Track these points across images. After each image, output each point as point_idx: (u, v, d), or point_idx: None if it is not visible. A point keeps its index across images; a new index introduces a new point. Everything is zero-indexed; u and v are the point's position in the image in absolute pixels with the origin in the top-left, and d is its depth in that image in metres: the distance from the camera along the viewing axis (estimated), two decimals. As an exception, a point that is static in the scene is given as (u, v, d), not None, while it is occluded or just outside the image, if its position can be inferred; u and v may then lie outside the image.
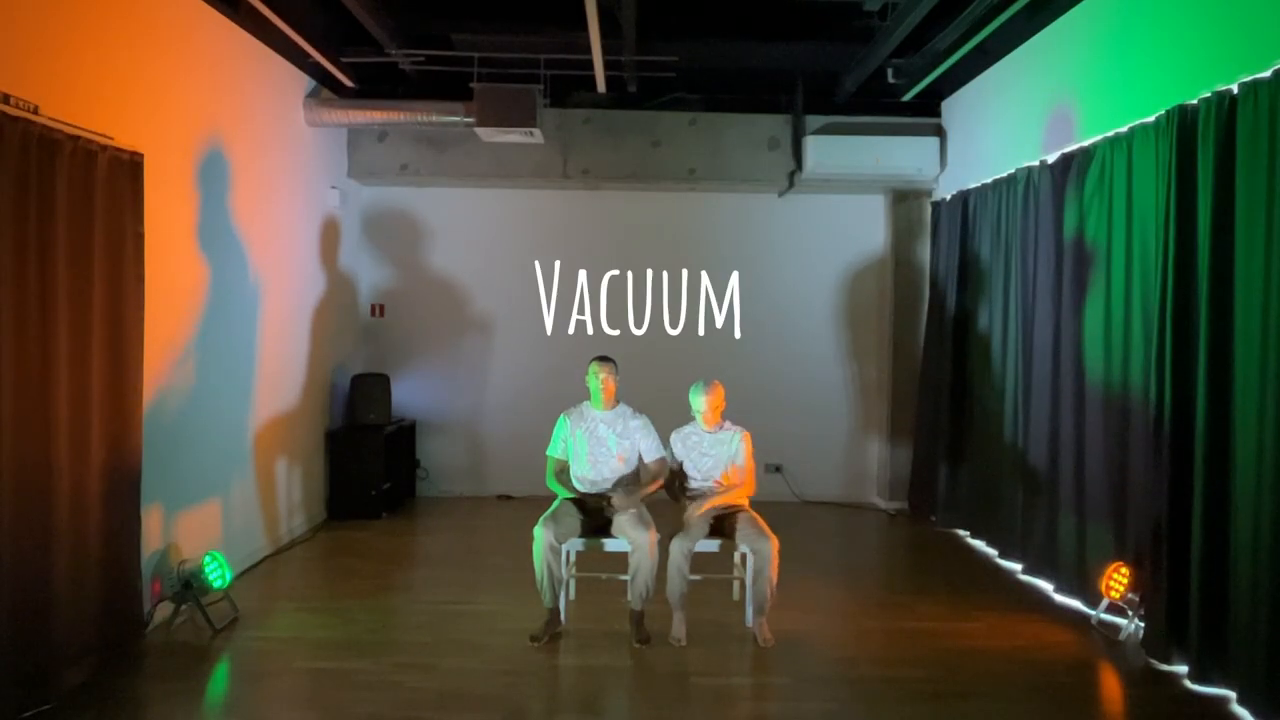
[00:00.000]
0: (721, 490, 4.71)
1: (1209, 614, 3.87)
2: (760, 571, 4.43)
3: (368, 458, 6.88)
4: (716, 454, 4.73)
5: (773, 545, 4.42)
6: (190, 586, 4.48)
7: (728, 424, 4.80)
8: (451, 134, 7.23)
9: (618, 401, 4.81)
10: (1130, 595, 4.44)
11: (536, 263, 7.91)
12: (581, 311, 7.89)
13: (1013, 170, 5.87)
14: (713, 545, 4.60)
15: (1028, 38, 5.80)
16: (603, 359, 4.80)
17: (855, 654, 4.42)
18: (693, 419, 4.81)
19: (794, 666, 4.20)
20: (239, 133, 5.47)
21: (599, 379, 4.72)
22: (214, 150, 5.16)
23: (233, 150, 5.37)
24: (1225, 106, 3.82)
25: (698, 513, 4.57)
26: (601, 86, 6.61)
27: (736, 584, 4.98)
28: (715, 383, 4.78)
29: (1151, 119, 4.33)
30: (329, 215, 7.03)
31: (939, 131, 7.32)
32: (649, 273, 7.92)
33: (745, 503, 4.77)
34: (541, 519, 4.48)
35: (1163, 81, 4.43)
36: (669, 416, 5.04)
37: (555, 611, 4.47)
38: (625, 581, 4.51)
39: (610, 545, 4.60)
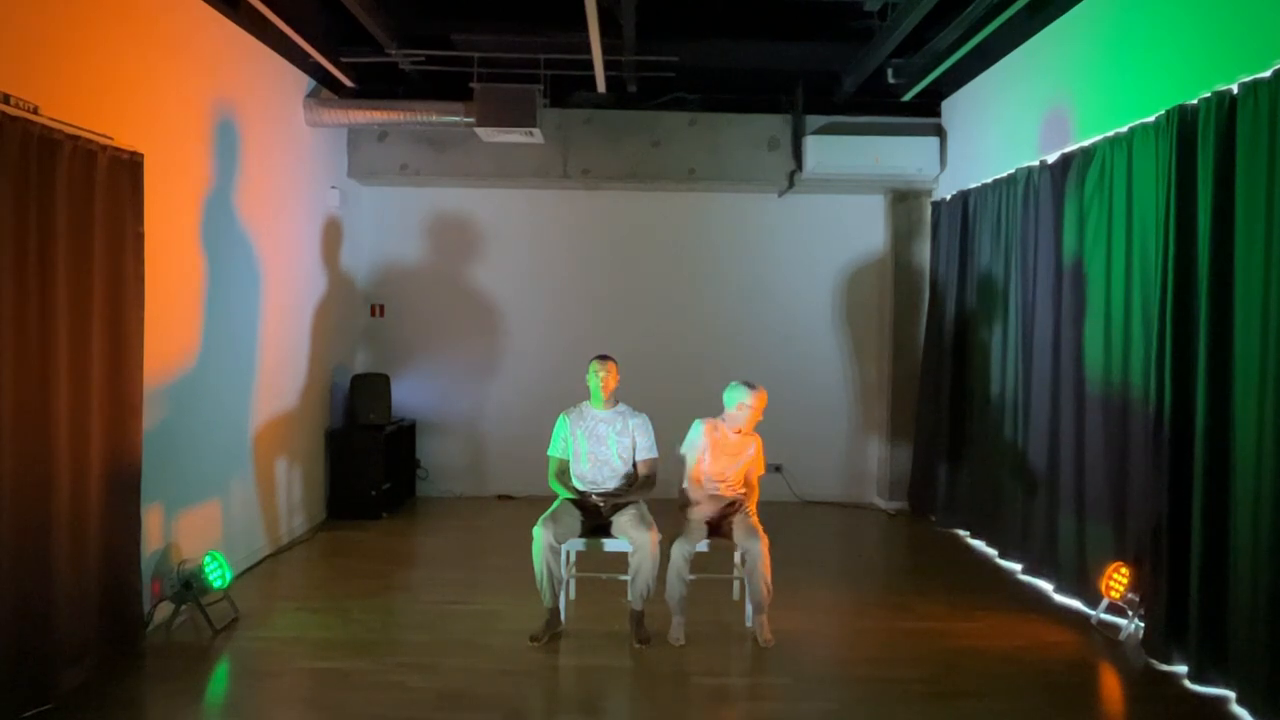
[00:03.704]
0: (726, 490, 4.73)
1: (1209, 614, 3.87)
2: (753, 570, 4.43)
3: (368, 458, 6.87)
4: (741, 457, 4.72)
5: (762, 544, 4.43)
6: (190, 586, 4.47)
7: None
8: (451, 134, 7.23)
9: (617, 401, 4.82)
10: (1130, 595, 4.44)
11: (536, 262, 7.92)
12: (581, 311, 7.89)
13: (1013, 170, 5.87)
14: (703, 545, 4.60)
15: (1027, 38, 5.80)
16: (602, 357, 4.81)
17: (855, 654, 4.43)
18: (722, 413, 4.70)
19: (794, 666, 4.20)
20: (239, 133, 5.47)
21: (599, 376, 4.73)
22: (214, 150, 5.16)
23: (232, 150, 5.37)
24: (1225, 106, 3.82)
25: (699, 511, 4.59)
26: (601, 86, 6.61)
27: (736, 584, 4.98)
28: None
29: (1151, 119, 4.33)
30: (329, 215, 7.03)
31: (939, 131, 7.32)
32: (649, 272, 7.92)
33: (751, 505, 4.76)
34: (541, 519, 4.48)
35: (1162, 81, 4.43)
36: (669, 416, 5.04)
37: (555, 611, 4.47)
38: (625, 581, 4.51)
39: (610, 545, 4.60)
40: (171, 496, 4.71)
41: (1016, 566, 5.72)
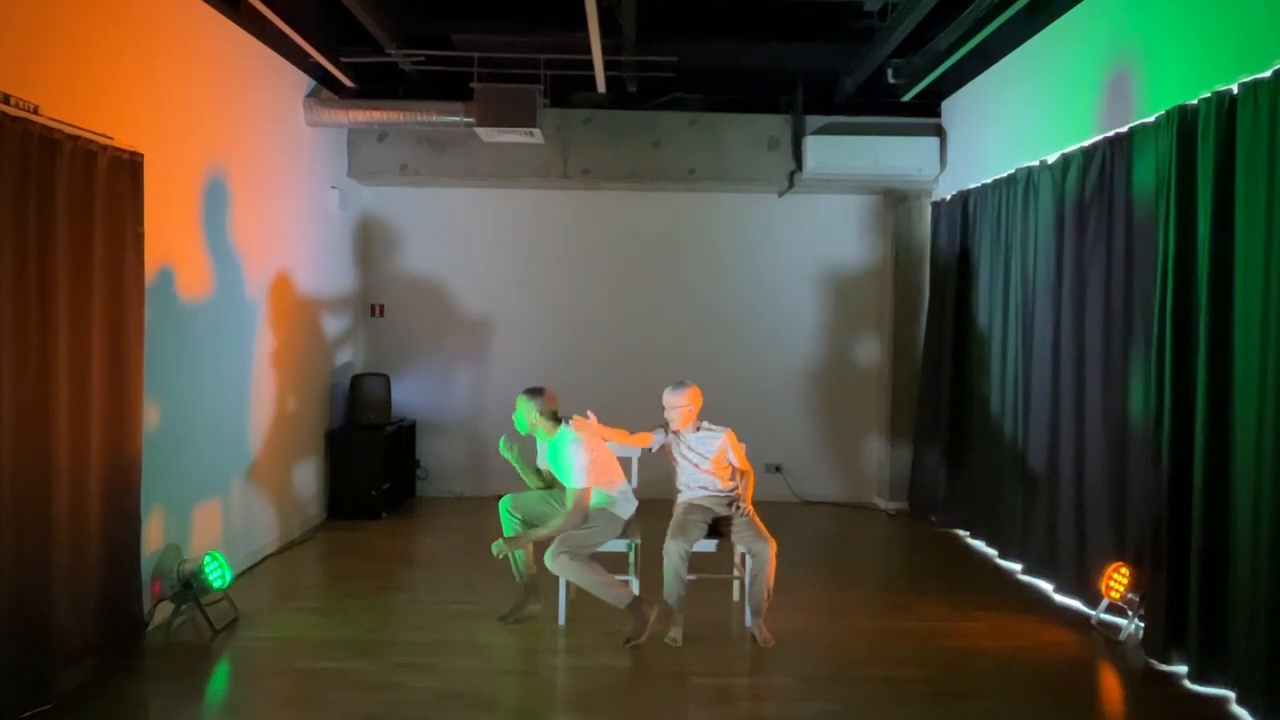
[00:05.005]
0: (721, 491, 4.73)
1: (1209, 614, 3.87)
2: (758, 574, 4.42)
3: (368, 458, 6.87)
4: (708, 454, 4.77)
5: (770, 548, 4.42)
6: (190, 586, 4.47)
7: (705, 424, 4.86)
8: (451, 134, 7.23)
9: (558, 425, 4.54)
10: (1130, 595, 4.44)
11: (536, 262, 7.92)
12: (581, 311, 7.89)
13: (1013, 170, 5.87)
14: (710, 545, 4.59)
15: (1027, 37, 5.80)
16: (531, 392, 4.50)
17: (855, 654, 4.42)
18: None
19: (794, 666, 4.20)
20: (239, 133, 5.47)
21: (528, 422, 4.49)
22: (214, 150, 5.16)
23: (233, 150, 5.37)
24: (1225, 106, 3.82)
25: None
26: (601, 86, 6.61)
27: (736, 584, 4.98)
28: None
29: (1151, 119, 4.33)
30: (329, 215, 7.02)
31: (939, 131, 7.32)
32: (648, 272, 7.92)
33: (747, 496, 4.75)
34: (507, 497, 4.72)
35: (1163, 81, 4.43)
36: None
37: (524, 589, 4.64)
38: (625, 582, 4.52)
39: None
40: (171, 496, 4.71)
41: (1016, 566, 5.72)
